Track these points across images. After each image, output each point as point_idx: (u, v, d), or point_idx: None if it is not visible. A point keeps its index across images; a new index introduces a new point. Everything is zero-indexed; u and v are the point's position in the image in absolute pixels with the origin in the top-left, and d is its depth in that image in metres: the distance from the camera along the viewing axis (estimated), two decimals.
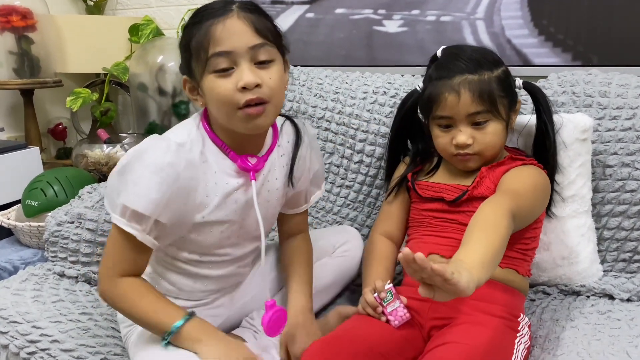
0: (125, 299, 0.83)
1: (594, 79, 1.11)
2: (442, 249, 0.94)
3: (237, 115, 0.78)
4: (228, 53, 0.77)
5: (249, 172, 0.86)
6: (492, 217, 0.77)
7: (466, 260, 0.69)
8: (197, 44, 0.78)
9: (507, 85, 0.94)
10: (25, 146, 1.56)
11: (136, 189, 0.78)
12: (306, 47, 1.61)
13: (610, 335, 0.89)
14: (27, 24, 1.65)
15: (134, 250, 0.82)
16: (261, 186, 0.89)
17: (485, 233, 0.74)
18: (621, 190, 1.06)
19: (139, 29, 1.75)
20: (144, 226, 0.80)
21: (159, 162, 0.78)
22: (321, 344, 0.84)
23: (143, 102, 1.74)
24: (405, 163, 1.09)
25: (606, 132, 1.07)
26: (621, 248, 1.07)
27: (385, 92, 1.27)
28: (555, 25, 1.31)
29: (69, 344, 0.90)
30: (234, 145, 0.85)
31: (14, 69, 1.68)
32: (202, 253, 0.89)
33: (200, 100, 0.83)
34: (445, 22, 1.42)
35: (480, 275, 0.67)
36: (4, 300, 1.00)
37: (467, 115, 0.91)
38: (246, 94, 0.77)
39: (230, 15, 0.77)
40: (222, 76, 0.77)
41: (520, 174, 0.93)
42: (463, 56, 0.93)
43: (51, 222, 1.15)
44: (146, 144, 0.81)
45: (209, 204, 0.84)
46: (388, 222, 1.07)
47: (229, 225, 0.87)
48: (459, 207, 0.95)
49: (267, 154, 0.89)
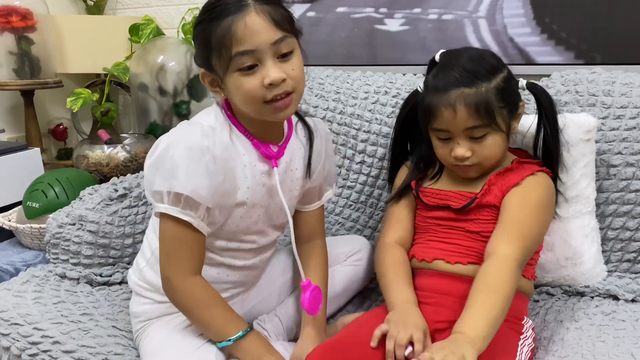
0: (197, 300, 0.83)
1: (598, 78, 1.10)
2: (447, 255, 0.93)
3: (265, 108, 0.81)
4: (252, 52, 0.77)
5: (271, 159, 0.88)
6: (498, 279, 0.80)
7: (468, 332, 0.74)
8: (218, 42, 0.78)
9: (508, 92, 0.90)
10: (26, 147, 1.56)
11: (183, 176, 0.78)
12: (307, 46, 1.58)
13: (615, 337, 0.89)
14: (27, 24, 1.65)
15: (193, 239, 0.82)
16: (284, 174, 0.91)
17: (489, 297, 0.78)
18: (625, 190, 1.05)
19: (139, 28, 1.75)
20: (199, 212, 0.80)
21: (197, 146, 0.79)
22: (324, 348, 0.83)
23: (144, 102, 1.74)
24: (408, 167, 1.06)
25: (610, 132, 1.06)
26: (625, 248, 1.07)
27: (386, 92, 1.26)
28: (558, 23, 1.30)
29: (70, 345, 0.90)
30: (256, 133, 0.87)
31: (14, 69, 1.68)
32: (230, 239, 0.90)
33: (221, 93, 0.85)
34: (447, 21, 1.41)
35: (481, 346, 0.73)
36: (5, 302, 0.99)
37: (464, 129, 0.89)
38: (273, 90, 0.79)
39: (248, 11, 0.77)
40: (247, 74, 0.79)
41: (527, 197, 0.90)
42: (459, 65, 0.89)
43: (52, 224, 1.14)
44: (180, 131, 0.82)
45: (241, 185, 0.86)
46: (398, 227, 1.02)
47: (258, 208, 0.89)
48: (465, 215, 0.94)
49: (286, 142, 0.91)
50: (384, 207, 1.25)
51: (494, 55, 0.93)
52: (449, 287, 0.90)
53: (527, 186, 0.91)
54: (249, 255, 0.94)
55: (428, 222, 0.99)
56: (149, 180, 0.83)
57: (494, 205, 0.92)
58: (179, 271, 0.83)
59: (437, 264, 0.94)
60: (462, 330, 0.75)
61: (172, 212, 0.80)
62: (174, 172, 0.79)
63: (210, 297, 0.84)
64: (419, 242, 1.00)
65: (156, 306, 0.92)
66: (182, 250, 0.82)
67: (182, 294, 0.83)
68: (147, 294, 0.94)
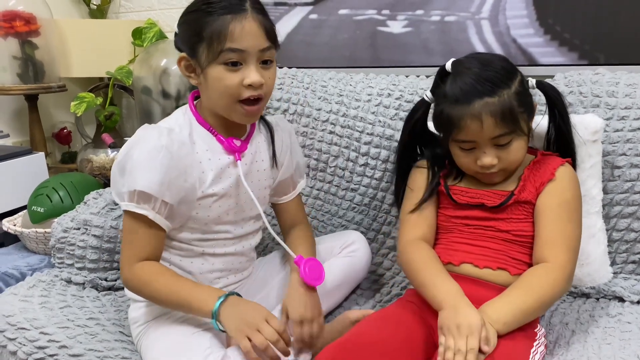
0: (149, 281, 0.87)
1: (602, 79, 1.10)
2: (475, 259, 0.92)
3: (236, 107, 0.88)
4: (241, 51, 0.84)
5: (235, 153, 0.94)
6: (541, 282, 0.85)
7: (490, 313, 0.80)
8: (211, 34, 0.84)
9: (526, 96, 0.90)
10: (30, 152, 1.56)
11: (139, 173, 0.85)
12: (310, 48, 1.60)
13: (621, 339, 0.89)
14: (30, 29, 1.66)
15: (148, 232, 0.88)
16: (251, 165, 0.97)
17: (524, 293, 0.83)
18: (630, 192, 1.05)
19: (142, 32, 1.75)
20: (153, 205, 0.86)
21: (154, 145, 0.85)
22: (333, 348, 0.83)
23: (147, 105, 1.74)
24: (422, 167, 1.03)
25: (614, 133, 1.06)
26: (631, 250, 1.06)
27: (390, 94, 1.26)
28: (561, 24, 1.30)
29: (77, 349, 0.90)
30: (220, 128, 0.94)
31: (18, 74, 1.68)
32: (204, 231, 0.94)
33: (195, 80, 0.90)
34: (450, 22, 1.41)
35: (500, 328, 0.79)
36: (12, 307, 1.00)
37: (490, 139, 0.88)
38: (250, 90, 0.86)
39: (246, 15, 0.84)
40: (231, 70, 0.85)
41: (564, 196, 0.90)
42: (476, 74, 0.88)
43: (57, 228, 1.15)
44: (139, 134, 0.89)
45: (205, 179, 0.91)
46: (421, 225, 0.98)
47: (226, 199, 0.94)
48: (498, 214, 0.93)
49: (249, 137, 0.98)
50: (389, 210, 1.25)
51: (504, 59, 0.92)
52: (475, 293, 0.87)
53: (561, 181, 0.91)
54: (228, 243, 0.98)
55: (453, 222, 0.97)
56: (113, 182, 0.90)
57: (529, 201, 0.92)
58: (128, 260, 0.88)
59: (465, 268, 0.92)
60: (485, 310, 0.81)
61: (130, 208, 0.86)
62: (132, 172, 0.86)
63: (163, 273, 0.88)
64: (441, 243, 0.98)
65: (152, 308, 0.94)
66: (135, 241, 0.88)
67: (131, 279, 0.89)
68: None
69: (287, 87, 1.38)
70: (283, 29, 1.62)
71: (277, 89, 1.39)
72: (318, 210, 1.29)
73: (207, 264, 0.96)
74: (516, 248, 0.92)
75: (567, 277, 0.86)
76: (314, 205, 1.31)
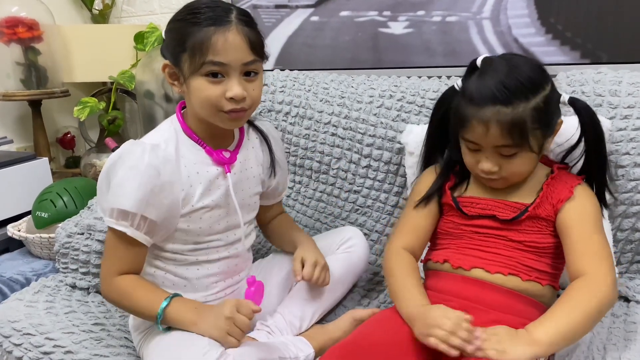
0: (124, 294, 0.89)
1: (604, 78, 1.09)
2: (486, 264, 0.90)
3: (219, 115, 0.87)
4: (223, 64, 0.83)
5: (224, 165, 0.93)
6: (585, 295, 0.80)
7: (534, 332, 0.76)
8: (194, 45, 0.83)
9: (545, 113, 0.85)
10: (34, 157, 1.57)
11: (120, 190, 0.85)
12: (311, 50, 1.60)
13: (626, 339, 0.88)
14: (33, 35, 1.67)
15: (127, 248, 0.88)
16: (240, 174, 0.97)
17: (569, 310, 0.79)
18: (634, 191, 1.04)
19: (144, 36, 1.76)
20: (132, 222, 0.86)
21: (138, 163, 0.85)
22: (339, 350, 0.82)
23: (150, 109, 1.74)
24: (436, 172, 1.01)
25: (617, 132, 1.05)
26: (636, 249, 1.06)
27: (391, 96, 1.26)
28: (562, 23, 1.29)
29: (82, 354, 0.90)
30: (208, 140, 0.92)
31: (21, 80, 1.69)
32: (195, 242, 0.94)
33: (178, 88, 0.90)
34: (451, 23, 1.41)
35: (545, 350, 0.75)
36: (17, 313, 1.00)
37: (493, 146, 0.86)
38: (232, 103, 0.85)
39: (230, 28, 0.83)
40: (212, 82, 0.84)
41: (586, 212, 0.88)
42: (499, 79, 0.84)
43: (61, 233, 1.15)
44: (123, 149, 0.88)
45: (194, 193, 0.90)
46: (411, 236, 0.98)
47: (216, 209, 0.94)
48: (511, 225, 0.90)
49: (238, 148, 0.97)
50: (391, 211, 1.24)
51: (537, 68, 0.87)
52: (486, 296, 0.87)
53: (581, 199, 0.89)
54: (221, 250, 0.98)
55: (462, 229, 0.94)
56: (99, 196, 0.91)
57: (543, 218, 0.89)
58: (108, 274, 0.89)
59: (476, 273, 0.90)
60: (529, 329, 0.78)
61: (110, 224, 0.87)
62: (114, 189, 0.86)
63: (135, 286, 0.89)
64: (449, 248, 0.95)
65: None
66: (115, 256, 0.89)
67: (109, 292, 0.90)
68: None
69: (289, 90, 1.38)
70: (284, 31, 1.63)
71: (279, 91, 1.39)
72: (321, 212, 1.29)
73: (202, 270, 0.96)
74: (529, 256, 0.90)
75: (612, 286, 0.82)
76: (316, 207, 1.31)
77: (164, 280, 0.94)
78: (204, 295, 0.96)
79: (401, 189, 1.24)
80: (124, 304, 0.90)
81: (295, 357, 0.93)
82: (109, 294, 0.90)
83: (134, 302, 0.88)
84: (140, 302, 0.88)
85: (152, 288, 0.91)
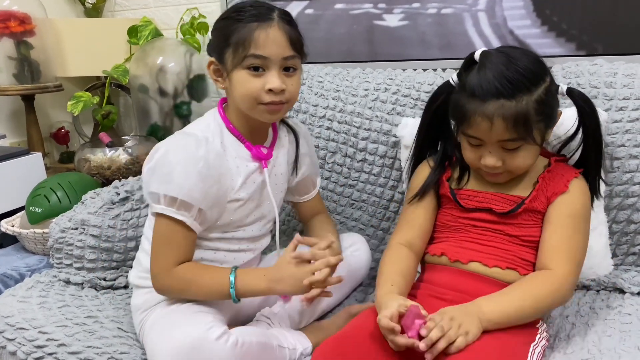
0: (191, 281, 0.90)
1: (599, 70, 1.09)
2: (484, 257, 0.90)
3: (259, 108, 0.91)
4: (264, 58, 0.88)
5: (262, 160, 0.98)
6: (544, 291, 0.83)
7: (485, 310, 0.80)
8: (237, 41, 0.88)
9: (547, 104, 0.85)
10: (28, 152, 1.56)
11: (179, 181, 0.88)
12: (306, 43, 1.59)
13: (621, 331, 0.88)
14: (25, 29, 1.65)
15: (184, 237, 0.91)
16: (271, 170, 1.01)
17: (524, 298, 0.82)
18: (629, 183, 1.04)
19: (138, 30, 1.74)
20: (192, 213, 0.89)
21: (193, 156, 0.89)
22: (332, 342, 0.83)
23: (144, 103, 1.73)
24: (430, 165, 1.01)
25: (613, 124, 1.05)
26: (631, 241, 1.06)
27: (386, 89, 1.25)
28: (558, 15, 1.29)
29: (75, 346, 0.90)
30: (247, 135, 0.97)
31: (14, 74, 1.68)
32: (224, 231, 0.98)
33: (222, 84, 0.95)
34: (447, 15, 1.40)
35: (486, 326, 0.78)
36: (10, 308, 1.00)
37: (498, 141, 0.85)
38: (271, 96, 0.89)
39: (272, 24, 0.88)
40: (254, 75, 0.89)
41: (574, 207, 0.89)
42: (500, 73, 0.83)
43: (55, 228, 1.15)
44: (177, 140, 0.92)
45: (235, 186, 0.95)
46: (409, 230, 0.98)
47: (249, 202, 0.98)
48: (507, 219, 0.91)
49: (273, 144, 1.02)
50: (387, 205, 1.24)
51: (536, 60, 0.86)
52: (483, 290, 0.87)
53: (573, 194, 0.89)
54: (243, 242, 1.01)
55: (460, 222, 0.95)
56: (147, 182, 0.92)
57: (539, 211, 0.90)
58: (166, 266, 0.90)
59: (473, 266, 0.91)
60: (481, 305, 0.80)
61: (167, 213, 0.89)
62: (171, 177, 0.88)
63: (196, 270, 0.92)
64: (447, 241, 0.96)
65: (155, 294, 0.95)
66: (172, 245, 0.91)
67: (171, 283, 0.91)
68: (146, 282, 0.96)
69: None
70: None
71: None
72: None
73: (219, 254, 0.99)
74: (526, 249, 0.90)
75: (569, 287, 0.85)
76: None
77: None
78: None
79: (397, 182, 1.24)
80: (192, 290, 0.91)
81: (293, 347, 0.94)
82: (172, 285, 0.91)
83: (202, 286, 0.90)
84: (209, 283, 0.90)
85: (212, 268, 0.94)
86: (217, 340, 0.82)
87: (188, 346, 0.81)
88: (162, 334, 0.86)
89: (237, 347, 0.83)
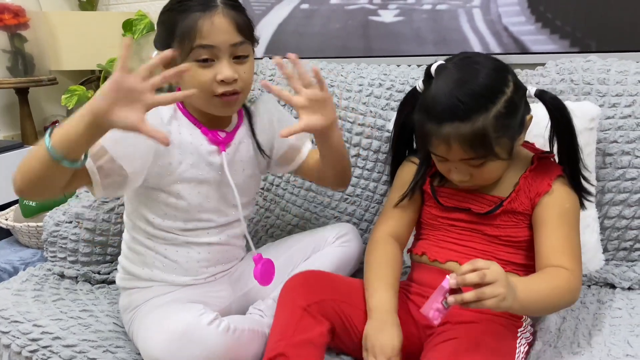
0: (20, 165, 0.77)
1: (593, 66, 1.10)
2: (461, 257, 0.90)
3: (213, 101, 0.88)
4: (211, 47, 0.85)
5: (219, 145, 0.94)
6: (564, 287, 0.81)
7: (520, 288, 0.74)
8: (182, 33, 0.85)
9: (509, 117, 0.81)
10: (22, 146, 1.56)
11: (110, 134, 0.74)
12: (301, 38, 1.59)
13: (611, 325, 0.89)
14: (19, 21, 1.64)
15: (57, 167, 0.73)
16: (234, 154, 0.97)
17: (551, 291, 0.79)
18: (621, 179, 1.05)
19: (133, 24, 1.74)
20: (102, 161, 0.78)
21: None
22: (304, 274, 0.88)
23: None
24: (414, 162, 1.00)
25: (605, 120, 1.06)
26: (622, 237, 1.07)
27: (380, 84, 1.25)
28: (552, 12, 1.29)
29: (70, 339, 0.90)
30: (205, 121, 0.94)
31: (7, 67, 1.67)
32: (185, 219, 0.94)
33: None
34: (442, 11, 1.41)
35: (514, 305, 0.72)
36: (4, 301, 1.00)
37: (460, 159, 0.83)
38: (223, 86, 0.86)
39: (216, 11, 0.85)
40: (203, 66, 0.86)
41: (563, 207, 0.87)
42: (451, 93, 0.80)
43: (49, 222, 1.15)
44: None
45: (183, 161, 0.91)
46: (395, 223, 0.98)
47: (206, 186, 0.94)
48: (486, 219, 0.90)
49: (235, 130, 0.97)
50: (381, 200, 1.25)
51: (494, 71, 0.82)
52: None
53: (559, 193, 0.87)
54: (212, 232, 0.97)
55: (440, 221, 0.95)
56: None
57: (520, 212, 0.88)
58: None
59: (450, 266, 0.90)
60: (517, 284, 0.74)
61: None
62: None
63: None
64: (428, 239, 0.96)
65: (142, 293, 0.95)
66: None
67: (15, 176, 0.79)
68: (131, 284, 0.97)
69: (279, 79, 1.37)
70: (274, 19, 1.61)
71: (269, 80, 1.38)
72: (310, 202, 1.29)
73: (192, 253, 0.96)
74: (504, 249, 0.90)
75: (579, 289, 0.84)
76: (306, 197, 1.30)
77: (154, 260, 0.95)
78: (194, 278, 0.97)
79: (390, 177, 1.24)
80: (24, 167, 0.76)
81: None
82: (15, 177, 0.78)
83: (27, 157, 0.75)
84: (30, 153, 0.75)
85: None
86: (208, 325, 0.82)
87: (180, 331, 0.81)
88: (153, 324, 0.86)
89: (229, 332, 0.83)
